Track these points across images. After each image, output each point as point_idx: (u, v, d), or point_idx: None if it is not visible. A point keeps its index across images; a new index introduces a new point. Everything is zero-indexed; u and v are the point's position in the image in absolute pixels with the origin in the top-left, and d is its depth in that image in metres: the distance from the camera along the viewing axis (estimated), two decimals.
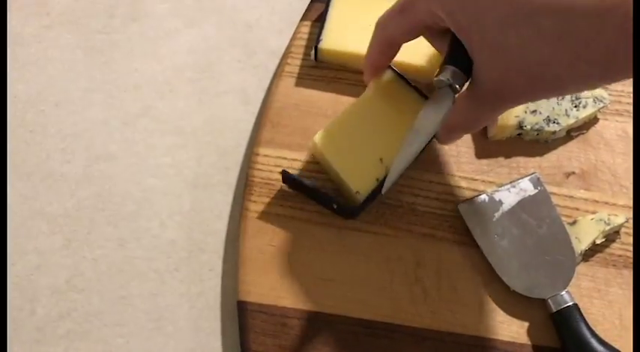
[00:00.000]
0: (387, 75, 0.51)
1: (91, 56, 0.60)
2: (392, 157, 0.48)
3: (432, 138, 0.45)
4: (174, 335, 0.50)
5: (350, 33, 0.54)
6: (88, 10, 0.62)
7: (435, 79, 0.41)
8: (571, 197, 0.52)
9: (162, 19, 0.61)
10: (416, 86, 0.51)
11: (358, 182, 0.48)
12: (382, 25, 0.44)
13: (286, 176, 0.50)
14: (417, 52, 0.54)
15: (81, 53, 0.60)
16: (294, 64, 0.57)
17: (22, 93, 0.58)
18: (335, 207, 0.49)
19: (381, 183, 0.47)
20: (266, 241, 0.50)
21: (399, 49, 0.46)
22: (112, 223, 0.53)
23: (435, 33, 0.43)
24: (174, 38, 0.61)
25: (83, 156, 0.55)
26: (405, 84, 0.50)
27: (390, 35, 0.44)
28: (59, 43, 0.60)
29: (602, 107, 0.53)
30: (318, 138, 0.50)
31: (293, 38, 0.58)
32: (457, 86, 0.40)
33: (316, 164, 0.53)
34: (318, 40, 0.54)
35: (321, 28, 0.55)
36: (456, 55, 0.40)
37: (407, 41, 0.44)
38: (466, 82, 0.41)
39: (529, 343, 0.47)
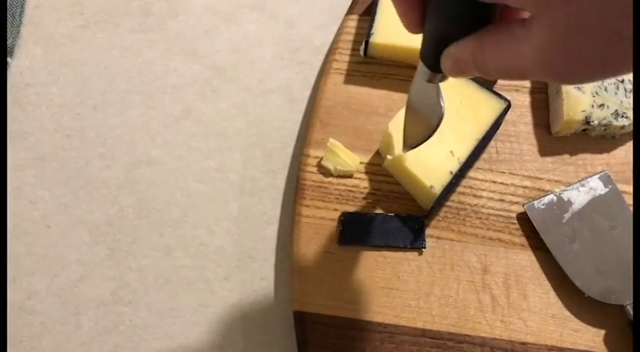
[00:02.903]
0: None
1: (127, 56, 0.57)
2: (462, 149, 0.46)
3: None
4: (227, 348, 0.47)
5: (403, 26, 0.51)
6: (123, 8, 0.59)
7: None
8: None
9: (200, 17, 0.59)
10: (478, 79, 0.48)
11: (431, 176, 0.45)
12: None
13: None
14: None
15: (117, 53, 0.57)
16: (342, 60, 0.54)
17: (57, 97, 0.56)
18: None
19: (454, 177, 0.45)
20: (321, 248, 0.47)
21: None
22: (157, 231, 0.51)
23: None
24: (214, 36, 0.58)
25: (124, 161, 0.53)
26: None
27: None
28: (94, 43, 0.58)
29: None
30: (389, 130, 0.47)
31: (339, 33, 0.55)
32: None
33: (374, 166, 0.50)
34: (369, 35, 0.51)
35: (372, 21, 0.52)
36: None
37: None
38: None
39: None
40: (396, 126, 0.47)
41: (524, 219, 0.48)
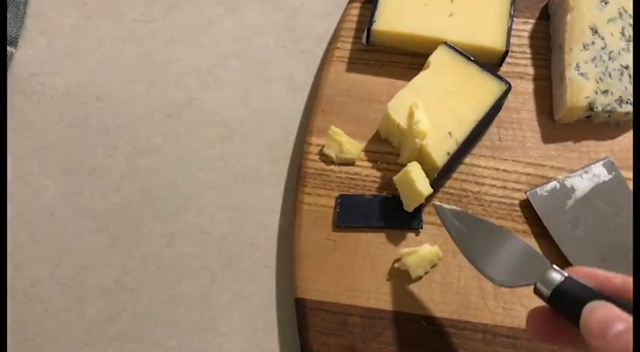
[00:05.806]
0: (443, 51, 0.49)
1: (130, 46, 0.57)
2: (460, 131, 0.46)
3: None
4: (228, 335, 0.47)
5: (405, 13, 0.51)
6: None
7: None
8: None
9: (202, 6, 0.59)
10: (473, 58, 0.48)
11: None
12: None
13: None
14: (475, 32, 0.51)
15: (120, 43, 0.58)
16: (345, 49, 0.54)
17: (61, 87, 0.56)
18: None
19: (451, 158, 0.45)
20: (323, 235, 0.47)
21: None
22: (160, 219, 0.51)
23: None
24: (217, 25, 0.58)
25: (127, 150, 0.53)
26: (462, 58, 0.48)
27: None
28: (97, 33, 0.58)
29: None
30: (388, 110, 0.47)
31: (342, 21, 0.55)
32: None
33: (376, 153, 0.50)
34: (371, 22, 0.51)
35: (374, 9, 0.52)
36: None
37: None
38: None
39: None
40: (395, 107, 0.47)
41: (526, 207, 0.47)
